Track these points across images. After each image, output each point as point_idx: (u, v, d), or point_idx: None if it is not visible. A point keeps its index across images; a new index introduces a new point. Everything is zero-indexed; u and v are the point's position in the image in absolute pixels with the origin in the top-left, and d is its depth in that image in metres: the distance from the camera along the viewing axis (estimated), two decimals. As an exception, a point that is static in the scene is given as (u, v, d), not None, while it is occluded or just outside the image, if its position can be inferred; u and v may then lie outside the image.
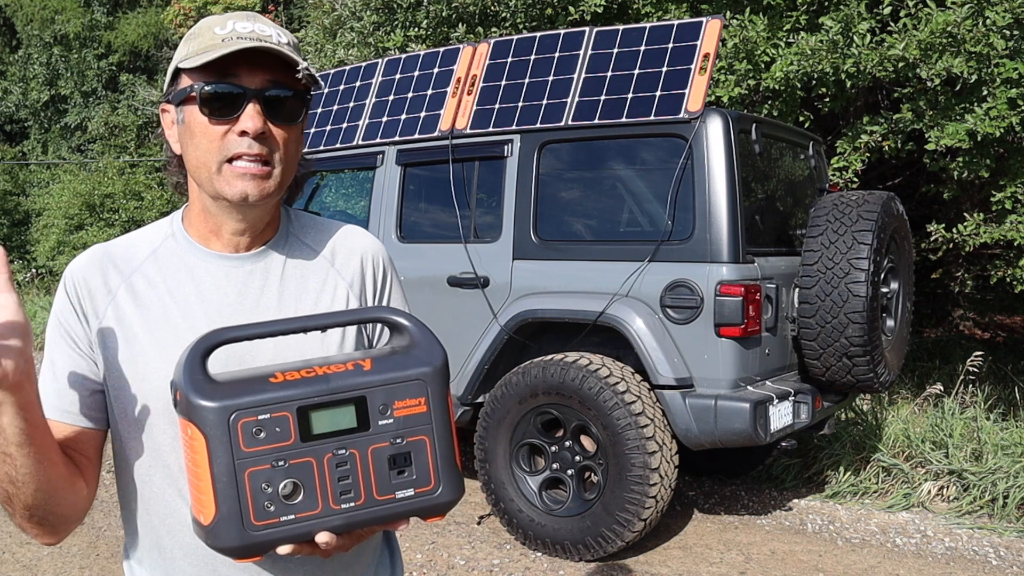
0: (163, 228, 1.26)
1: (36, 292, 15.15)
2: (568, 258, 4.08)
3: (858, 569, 3.88)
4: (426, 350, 1.07)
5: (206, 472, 0.97)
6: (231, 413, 0.97)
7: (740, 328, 3.66)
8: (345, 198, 5.63)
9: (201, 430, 0.97)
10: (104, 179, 15.14)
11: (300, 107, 1.17)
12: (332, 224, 1.34)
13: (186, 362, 1.00)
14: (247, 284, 1.22)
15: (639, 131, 3.98)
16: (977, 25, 4.79)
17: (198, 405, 0.97)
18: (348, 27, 7.89)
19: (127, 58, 19.07)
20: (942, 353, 7.46)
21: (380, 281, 1.32)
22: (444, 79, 4.63)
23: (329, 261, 1.29)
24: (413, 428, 1.03)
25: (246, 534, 0.97)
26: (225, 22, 1.15)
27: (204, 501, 0.98)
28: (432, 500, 1.05)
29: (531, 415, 3.99)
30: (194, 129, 1.14)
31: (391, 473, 1.02)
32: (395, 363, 1.05)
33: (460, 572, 3.87)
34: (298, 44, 1.21)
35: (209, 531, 0.99)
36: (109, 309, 1.18)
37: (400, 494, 1.03)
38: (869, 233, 3.87)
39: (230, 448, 0.97)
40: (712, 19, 4.00)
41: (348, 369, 1.03)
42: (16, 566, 3.92)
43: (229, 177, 1.14)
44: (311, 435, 0.99)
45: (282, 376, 1.01)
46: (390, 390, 1.03)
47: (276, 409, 0.98)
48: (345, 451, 1.00)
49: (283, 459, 0.98)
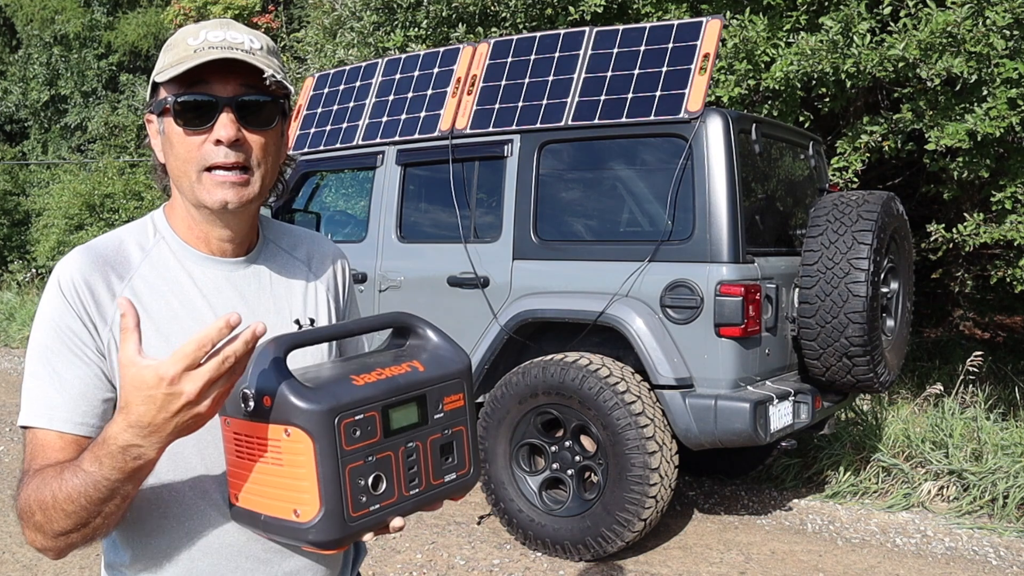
0: (147, 230, 1.24)
1: (36, 292, 15.15)
2: (568, 258, 4.08)
3: (858, 569, 3.88)
4: (454, 351, 1.22)
5: (311, 472, 1.03)
6: (337, 415, 1.04)
7: (740, 328, 3.66)
8: (345, 198, 5.63)
9: (308, 432, 1.02)
10: (104, 179, 15.13)
11: (275, 112, 1.18)
12: (299, 230, 1.40)
13: (274, 370, 1.04)
14: (245, 288, 1.25)
15: (639, 131, 3.97)
16: (977, 25, 4.79)
17: (305, 410, 1.02)
18: (348, 27, 7.89)
19: (127, 58, 19.06)
20: (942, 353, 7.46)
21: (347, 285, 1.42)
22: (444, 79, 4.63)
23: (307, 266, 1.34)
24: (456, 420, 1.18)
25: (346, 526, 1.05)
26: (198, 32, 1.16)
27: (304, 499, 1.04)
28: (466, 481, 1.19)
29: (531, 415, 3.99)
30: (172, 140, 1.16)
31: (442, 460, 1.16)
32: (439, 363, 1.19)
33: (460, 572, 3.87)
34: (275, 48, 1.22)
35: (310, 528, 1.04)
36: (116, 314, 1.15)
37: (447, 478, 1.16)
38: (869, 233, 3.87)
39: (335, 448, 1.03)
40: (712, 19, 4.00)
41: (408, 371, 1.15)
42: (16, 566, 3.92)
43: (208, 186, 1.15)
44: (391, 431, 1.10)
45: (360, 378, 1.10)
46: (442, 388, 1.16)
47: (368, 409, 1.07)
48: (413, 443, 1.12)
49: (372, 454, 1.07)
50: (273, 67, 1.16)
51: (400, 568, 3.89)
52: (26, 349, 8.62)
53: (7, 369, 9.73)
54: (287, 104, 1.22)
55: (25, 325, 11.88)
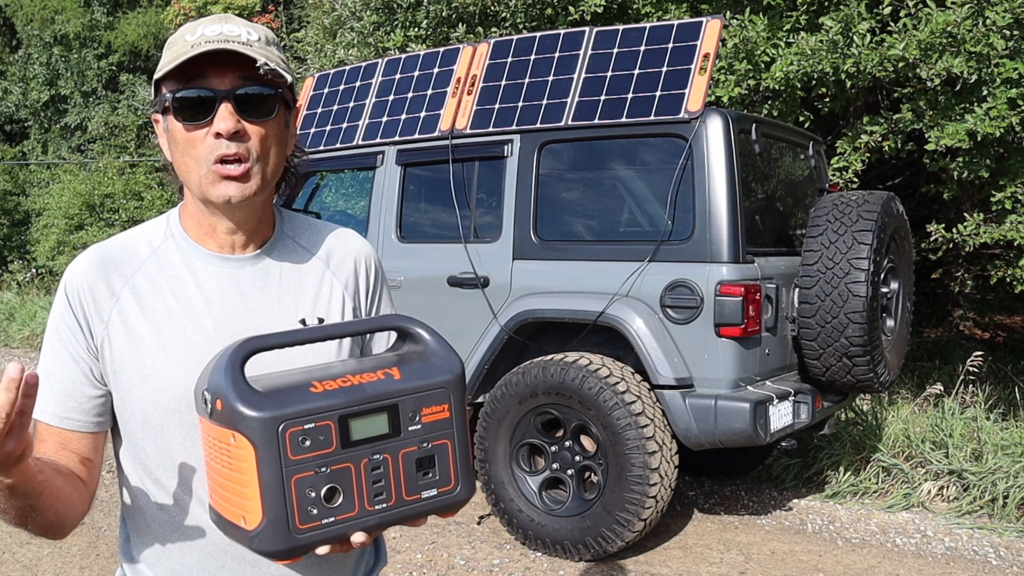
0: (161, 227, 1.27)
1: (36, 292, 15.16)
2: (568, 258, 4.08)
3: (858, 569, 3.88)
4: (445, 358, 1.13)
5: (253, 479, 0.99)
6: (280, 423, 0.99)
7: (740, 328, 3.66)
8: (345, 198, 5.63)
9: (250, 439, 0.99)
10: (104, 179, 15.13)
11: (275, 102, 1.17)
12: (325, 226, 1.36)
13: (226, 370, 1.01)
14: (248, 286, 1.24)
15: (639, 131, 3.97)
16: (977, 25, 4.79)
17: (247, 415, 0.99)
18: (348, 27, 7.89)
19: (127, 58, 19.06)
20: (942, 353, 7.46)
21: (372, 284, 1.35)
22: (444, 79, 4.63)
23: (324, 263, 1.30)
24: (438, 433, 1.10)
25: (291, 537, 1.01)
26: (196, 28, 1.16)
27: (248, 507, 1.01)
28: (452, 499, 1.12)
29: (531, 415, 3.99)
30: (176, 136, 1.16)
31: (418, 475, 1.09)
32: (421, 372, 1.11)
33: (460, 572, 3.87)
34: (275, 39, 1.21)
35: (254, 536, 1.01)
36: (114, 312, 1.19)
37: (425, 494, 1.09)
38: (869, 233, 3.87)
39: (278, 457, 1.00)
40: (712, 19, 4.00)
41: (380, 378, 1.08)
42: (16, 566, 3.92)
43: (212, 180, 1.15)
44: (350, 442, 1.04)
45: (321, 385, 1.05)
46: (419, 398, 1.09)
47: (320, 418, 1.02)
48: (379, 456, 1.06)
49: (325, 465, 1.02)
50: (271, 56, 1.15)
51: (400, 568, 3.89)
52: (26, 349, 8.71)
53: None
54: (290, 94, 1.20)
55: (25, 325, 11.88)
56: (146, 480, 1.21)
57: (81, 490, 1.17)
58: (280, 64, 1.17)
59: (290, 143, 1.25)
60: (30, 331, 11.57)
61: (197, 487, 1.19)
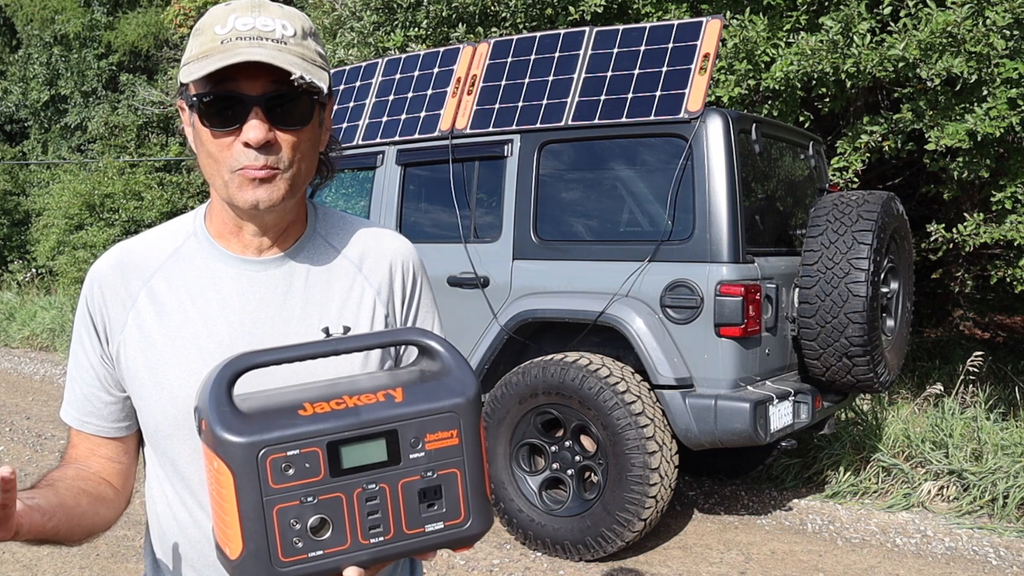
0: (187, 225, 1.21)
1: (36, 292, 15.15)
2: (568, 258, 4.08)
3: (858, 569, 3.88)
4: (459, 379, 1.03)
5: (232, 507, 0.94)
6: (260, 450, 0.93)
7: (740, 328, 3.66)
8: (345, 198, 5.63)
9: (228, 465, 0.93)
10: (104, 179, 15.12)
11: (309, 108, 1.09)
12: (361, 224, 1.27)
13: (211, 390, 0.96)
14: (270, 290, 1.16)
15: (639, 131, 3.98)
16: (977, 25, 4.79)
17: (225, 440, 0.93)
18: (348, 27, 7.89)
19: (127, 58, 19.05)
20: (942, 353, 7.45)
21: (410, 289, 1.26)
22: (444, 79, 4.63)
23: (356, 266, 1.22)
24: (444, 461, 1.01)
25: (273, 571, 0.95)
26: (227, 17, 1.07)
27: (230, 535, 0.95)
28: (461, 533, 1.02)
29: (531, 415, 3.99)
30: (202, 138, 1.09)
31: (421, 507, 1.00)
32: (427, 393, 1.02)
33: (460, 572, 3.87)
34: (311, 29, 1.12)
35: (236, 566, 0.96)
36: (130, 317, 1.16)
37: (430, 527, 1.00)
38: (869, 233, 3.87)
39: (258, 485, 0.93)
40: (712, 19, 4.00)
41: (379, 400, 1.00)
42: (16, 566, 3.92)
43: (239, 184, 1.08)
44: (341, 470, 0.96)
45: (311, 408, 0.97)
46: (422, 423, 0.99)
47: (306, 445, 0.94)
48: (375, 486, 0.97)
49: (312, 495, 0.95)
50: (307, 54, 1.08)
51: (400, 568, 3.89)
52: (26, 349, 8.70)
53: (7, 369, 9.73)
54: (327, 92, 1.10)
55: (25, 325, 11.86)
56: (158, 488, 1.20)
57: (108, 499, 1.17)
58: (317, 61, 1.09)
59: (324, 138, 1.17)
60: (30, 331, 11.56)
61: (206, 500, 1.14)
